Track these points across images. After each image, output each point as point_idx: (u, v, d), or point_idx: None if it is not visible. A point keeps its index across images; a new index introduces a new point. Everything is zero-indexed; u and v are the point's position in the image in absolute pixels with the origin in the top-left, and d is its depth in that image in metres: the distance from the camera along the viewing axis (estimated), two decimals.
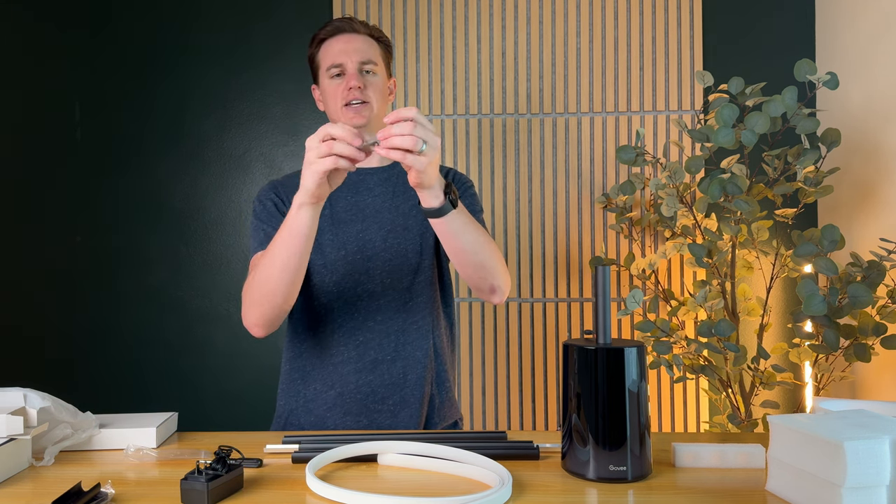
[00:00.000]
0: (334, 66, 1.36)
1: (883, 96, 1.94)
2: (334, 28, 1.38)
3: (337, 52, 1.36)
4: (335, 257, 1.37)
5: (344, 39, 1.37)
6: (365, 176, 1.43)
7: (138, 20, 2.38)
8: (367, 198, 1.41)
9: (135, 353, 2.37)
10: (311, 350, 1.40)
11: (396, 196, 1.41)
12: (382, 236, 1.38)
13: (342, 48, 1.36)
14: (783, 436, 0.81)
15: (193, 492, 0.81)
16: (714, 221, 1.99)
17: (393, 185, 1.42)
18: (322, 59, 1.39)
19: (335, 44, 1.37)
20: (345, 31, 1.38)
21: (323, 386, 1.38)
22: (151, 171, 2.38)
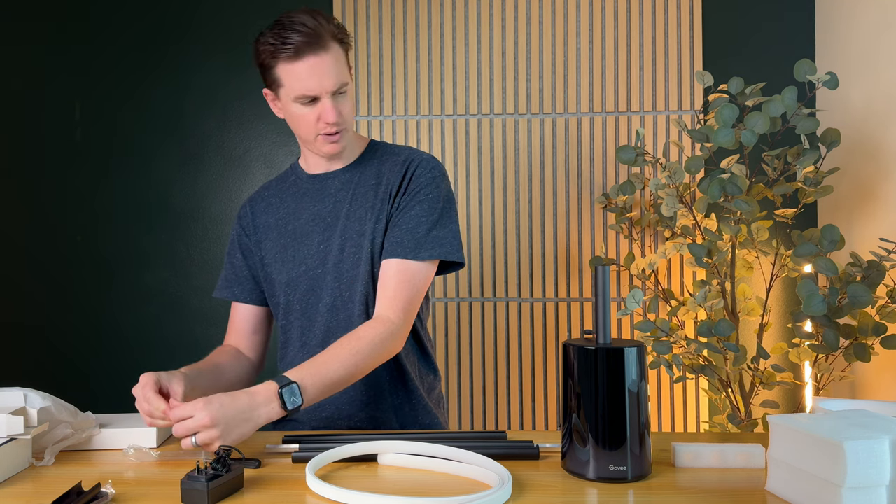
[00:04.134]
0: (305, 97, 1.21)
1: (883, 96, 1.94)
2: (299, 47, 1.18)
3: (306, 78, 1.19)
4: (297, 273, 1.33)
5: (312, 62, 1.19)
6: (326, 181, 1.36)
7: (139, 20, 2.38)
8: (328, 205, 1.34)
9: (135, 353, 2.37)
10: (286, 367, 1.38)
11: (355, 199, 1.32)
12: (339, 245, 1.30)
13: (313, 75, 1.19)
14: (783, 436, 0.81)
15: (193, 492, 0.81)
16: (714, 221, 1.99)
17: (353, 188, 1.33)
18: (287, 82, 1.21)
19: (302, 67, 1.19)
20: (312, 52, 1.18)
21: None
22: (151, 171, 2.38)
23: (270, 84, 1.26)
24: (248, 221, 1.41)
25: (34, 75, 2.39)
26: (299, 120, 1.26)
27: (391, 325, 1.20)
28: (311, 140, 1.28)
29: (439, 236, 1.26)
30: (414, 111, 2.34)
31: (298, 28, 1.18)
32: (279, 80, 1.23)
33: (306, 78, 1.20)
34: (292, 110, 1.25)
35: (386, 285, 1.24)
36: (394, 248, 1.26)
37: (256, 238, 1.40)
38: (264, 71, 1.26)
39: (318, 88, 1.21)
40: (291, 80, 1.21)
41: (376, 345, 1.16)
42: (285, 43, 1.18)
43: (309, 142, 1.29)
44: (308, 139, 1.28)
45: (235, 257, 1.43)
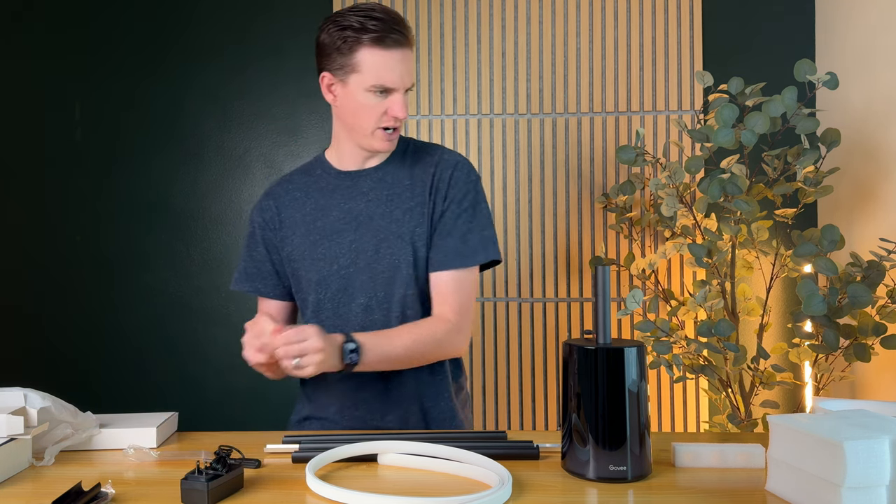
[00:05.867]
0: (382, 87, 1.20)
1: (883, 96, 1.94)
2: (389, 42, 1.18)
3: (388, 72, 1.19)
4: (328, 272, 1.30)
5: (397, 58, 1.19)
6: (359, 179, 1.33)
7: (139, 20, 2.38)
8: (360, 203, 1.31)
9: (135, 353, 2.37)
10: None
11: (391, 200, 1.30)
12: (374, 245, 1.28)
13: (395, 69, 1.19)
14: (783, 436, 0.81)
15: (194, 492, 0.81)
16: (714, 221, 1.99)
17: (387, 188, 1.31)
18: (366, 69, 1.19)
19: (386, 58, 1.18)
20: (399, 47, 1.19)
21: (328, 400, 1.33)
22: (152, 171, 2.38)
23: (339, 68, 1.22)
24: (273, 215, 1.36)
25: (34, 75, 2.39)
26: (364, 110, 1.22)
27: (450, 324, 1.25)
28: (368, 133, 1.25)
29: (485, 238, 1.29)
30: (414, 111, 2.34)
31: (387, 19, 1.18)
32: (357, 64, 1.20)
33: (389, 69, 1.19)
34: (359, 99, 1.22)
35: (443, 294, 1.27)
36: (447, 258, 1.27)
37: (282, 234, 1.35)
38: (336, 53, 1.21)
39: (398, 82, 1.20)
40: (372, 67, 1.19)
41: (436, 338, 1.23)
42: (376, 29, 1.17)
43: (363, 135, 1.26)
44: (365, 132, 1.25)
45: (257, 251, 1.38)
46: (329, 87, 1.26)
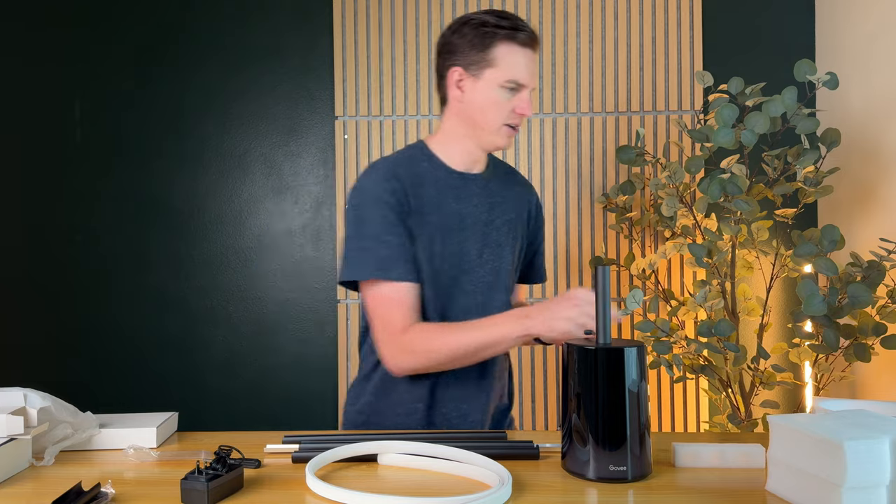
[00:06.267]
0: (518, 83, 1.24)
1: (883, 96, 1.94)
2: (524, 38, 1.23)
3: (522, 68, 1.24)
4: (440, 268, 1.27)
5: (529, 57, 1.24)
6: (467, 181, 1.31)
7: (139, 20, 2.38)
8: (467, 206, 1.30)
9: (135, 353, 2.37)
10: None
11: (493, 209, 1.32)
12: (477, 250, 1.29)
13: (528, 67, 1.24)
14: (783, 436, 0.81)
15: (193, 492, 0.81)
16: (714, 221, 1.99)
17: (489, 196, 1.33)
18: (501, 64, 1.23)
19: (520, 56, 1.23)
20: (531, 47, 1.25)
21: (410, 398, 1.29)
22: (152, 171, 2.38)
23: (472, 63, 1.24)
24: (402, 198, 1.24)
25: (34, 75, 2.39)
26: (494, 105, 1.25)
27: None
28: (494, 129, 1.26)
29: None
30: (414, 111, 2.34)
31: (518, 19, 1.25)
32: (493, 59, 1.23)
33: (523, 66, 1.24)
34: (491, 94, 1.24)
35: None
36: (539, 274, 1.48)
37: (412, 220, 1.26)
38: (469, 48, 1.24)
39: (529, 80, 1.25)
40: (509, 63, 1.23)
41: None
42: (513, 28, 1.23)
43: (489, 130, 1.27)
44: (491, 128, 1.26)
45: (399, 234, 1.23)
46: (458, 82, 1.27)
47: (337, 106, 2.35)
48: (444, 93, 1.31)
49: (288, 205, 2.38)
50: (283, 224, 2.38)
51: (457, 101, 1.28)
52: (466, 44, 1.24)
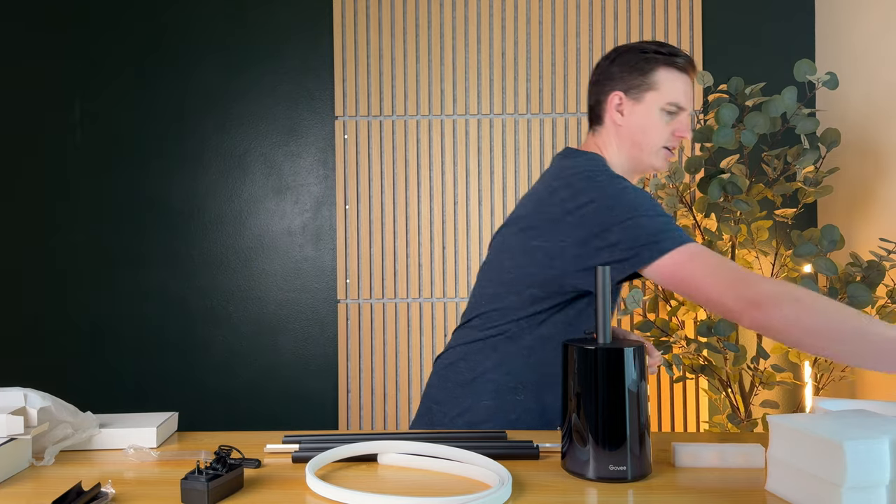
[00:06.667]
0: (678, 106, 1.28)
1: (883, 96, 1.94)
2: (682, 63, 1.28)
3: (682, 92, 1.29)
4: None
5: (686, 81, 1.30)
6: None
7: (139, 20, 2.38)
8: None
9: (135, 353, 2.37)
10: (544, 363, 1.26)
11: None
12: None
13: (687, 92, 1.30)
14: (783, 436, 0.81)
15: (194, 491, 0.81)
16: (714, 221, 1.99)
17: None
18: (665, 87, 1.28)
19: (679, 81, 1.29)
20: (690, 74, 1.30)
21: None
22: (152, 171, 2.38)
23: (633, 87, 1.29)
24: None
25: (34, 76, 2.39)
26: (655, 128, 1.28)
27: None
28: (653, 151, 1.29)
29: None
30: (414, 111, 2.34)
31: (681, 51, 1.30)
32: (655, 83, 1.28)
33: (683, 91, 1.29)
34: (652, 117, 1.28)
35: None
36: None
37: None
38: (631, 73, 1.28)
39: (688, 103, 1.29)
40: (670, 87, 1.28)
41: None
42: (673, 54, 1.28)
43: (648, 153, 1.29)
44: (650, 150, 1.29)
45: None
46: (618, 106, 1.30)
47: (337, 106, 2.35)
48: (598, 116, 1.33)
49: (288, 205, 2.38)
50: (283, 224, 2.38)
51: (616, 124, 1.30)
52: (627, 70, 1.29)
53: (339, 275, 2.35)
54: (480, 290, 1.31)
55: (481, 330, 1.28)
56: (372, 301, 2.35)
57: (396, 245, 2.34)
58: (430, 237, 2.34)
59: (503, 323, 1.26)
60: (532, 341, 1.24)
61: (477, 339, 1.29)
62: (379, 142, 2.34)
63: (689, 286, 1.08)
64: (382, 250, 2.34)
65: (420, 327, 2.34)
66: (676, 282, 1.09)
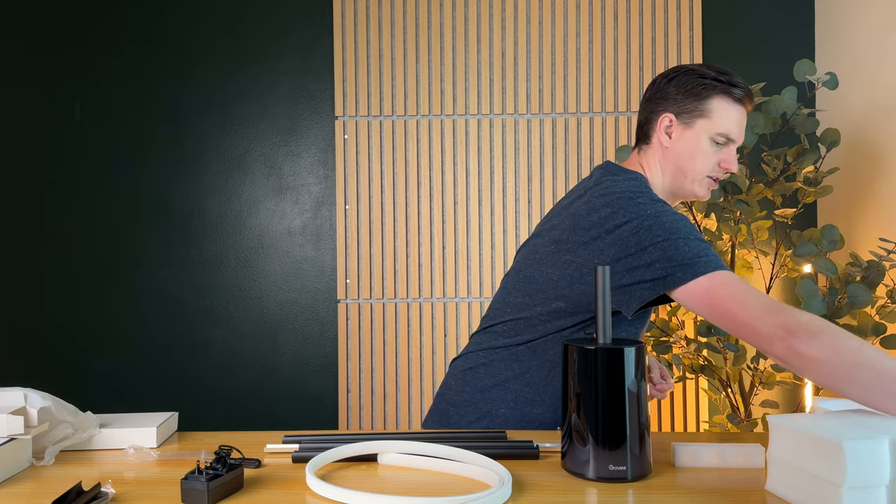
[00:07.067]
0: (728, 137, 1.26)
1: (883, 96, 1.94)
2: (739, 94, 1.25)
3: (735, 124, 1.26)
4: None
5: (741, 112, 1.27)
6: None
7: (139, 20, 2.38)
8: None
9: (135, 353, 2.38)
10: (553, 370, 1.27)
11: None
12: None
13: (740, 123, 1.27)
14: (783, 436, 0.81)
15: (194, 491, 0.81)
16: (714, 221, 1.99)
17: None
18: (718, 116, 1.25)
19: (735, 112, 1.26)
20: (746, 106, 1.27)
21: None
22: (151, 171, 2.38)
23: (686, 111, 1.26)
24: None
25: (34, 75, 2.39)
26: (702, 156, 1.26)
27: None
28: (697, 179, 1.27)
29: None
30: (414, 111, 2.34)
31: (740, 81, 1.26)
32: (708, 111, 1.25)
33: (735, 122, 1.26)
34: (701, 145, 1.26)
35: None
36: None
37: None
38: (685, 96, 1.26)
39: (739, 136, 1.27)
40: (723, 116, 1.25)
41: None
42: (732, 84, 1.25)
43: (692, 179, 1.27)
44: (695, 177, 1.27)
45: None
46: (667, 128, 1.28)
47: (337, 106, 2.35)
48: (646, 134, 1.31)
49: (288, 205, 2.38)
50: (283, 224, 2.38)
51: (663, 146, 1.29)
52: (682, 92, 1.27)
53: (339, 275, 2.35)
54: (506, 297, 1.29)
55: (505, 338, 1.27)
56: (372, 301, 2.35)
57: (396, 245, 2.35)
58: (430, 237, 2.34)
59: (527, 334, 1.25)
60: (555, 356, 1.24)
61: (499, 347, 1.28)
62: (379, 142, 2.34)
63: (721, 311, 1.05)
64: (382, 250, 2.34)
65: (420, 327, 2.34)
66: (708, 307, 1.07)
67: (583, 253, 1.17)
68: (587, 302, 1.18)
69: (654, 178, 1.30)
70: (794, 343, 0.96)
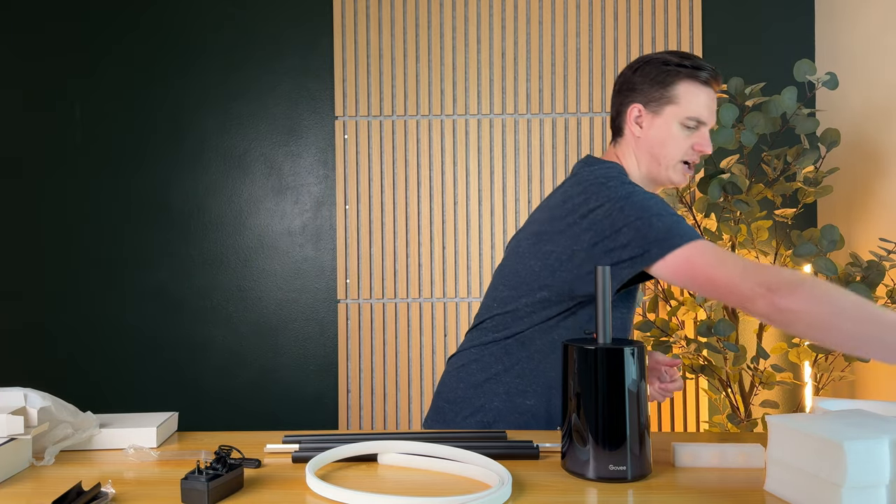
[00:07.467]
0: (698, 120, 1.26)
1: (883, 96, 1.94)
2: (705, 77, 1.25)
3: (704, 106, 1.26)
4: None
5: (710, 96, 1.27)
6: None
7: (139, 20, 2.38)
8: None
9: (135, 353, 2.38)
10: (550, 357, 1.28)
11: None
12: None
13: (709, 105, 1.27)
14: (782, 436, 0.81)
15: (194, 491, 0.81)
16: (714, 221, 1.99)
17: None
18: (686, 101, 1.26)
19: (702, 95, 1.26)
20: (713, 87, 1.27)
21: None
22: (151, 171, 2.38)
23: (653, 100, 1.28)
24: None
25: (34, 75, 2.39)
26: (673, 142, 1.27)
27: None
28: (671, 165, 1.28)
29: None
30: (414, 111, 2.34)
31: (705, 64, 1.27)
32: (675, 96, 1.26)
33: (704, 105, 1.26)
34: (671, 130, 1.27)
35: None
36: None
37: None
38: (650, 85, 1.27)
39: (709, 118, 1.27)
40: (690, 100, 1.25)
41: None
42: (696, 67, 1.25)
43: (666, 166, 1.28)
44: (668, 163, 1.28)
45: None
46: (636, 119, 1.30)
47: (337, 106, 2.35)
48: (619, 127, 1.33)
49: (288, 205, 2.38)
50: (283, 224, 2.38)
51: (635, 136, 1.30)
52: (648, 82, 1.28)
53: (339, 275, 2.35)
54: (494, 292, 1.31)
55: (494, 332, 1.29)
56: (372, 301, 2.35)
57: (396, 245, 2.35)
58: (430, 237, 2.34)
59: (515, 326, 1.26)
60: (543, 346, 1.25)
61: (489, 342, 1.30)
62: (379, 142, 2.34)
63: (702, 279, 1.07)
64: (382, 250, 2.34)
65: (420, 327, 2.34)
66: (687, 276, 1.08)
67: (561, 241, 1.19)
68: (569, 289, 1.20)
69: (630, 168, 1.31)
70: (775, 299, 0.97)
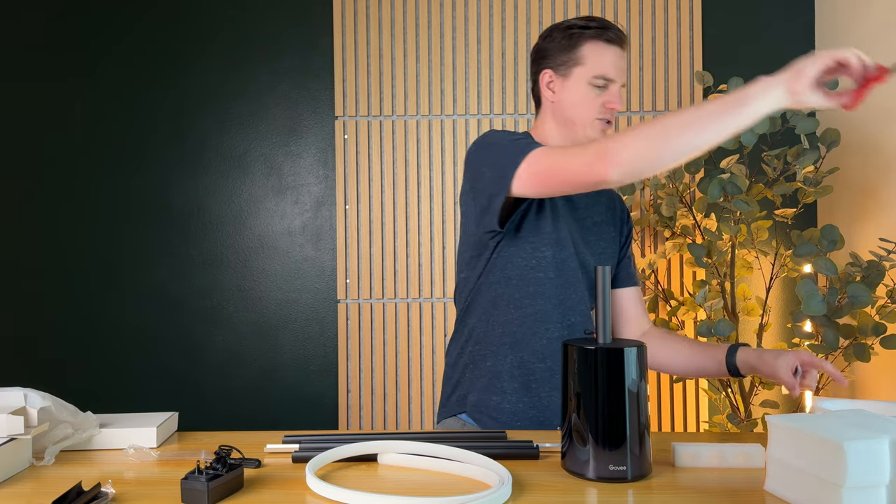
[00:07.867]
0: (605, 78, 1.28)
1: (883, 96, 1.94)
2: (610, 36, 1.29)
3: (610, 64, 1.29)
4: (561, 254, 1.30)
5: (617, 54, 1.30)
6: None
7: (139, 20, 2.38)
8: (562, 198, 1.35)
9: (135, 353, 2.37)
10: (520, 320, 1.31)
11: (588, 207, 1.39)
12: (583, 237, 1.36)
13: (615, 63, 1.30)
14: (782, 436, 0.81)
15: (194, 491, 0.81)
16: (713, 221, 2.00)
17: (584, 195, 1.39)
18: (592, 61, 1.29)
19: (608, 54, 1.29)
20: (619, 44, 1.30)
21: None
22: (151, 171, 2.38)
23: (561, 63, 1.31)
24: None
25: (34, 75, 2.39)
26: (584, 102, 1.30)
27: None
28: (586, 124, 1.31)
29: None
30: (414, 111, 2.34)
31: (606, 21, 1.32)
32: (581, 58, 1.29)
33: (610, 63, 1.29)
34: (581, 91, 1.30)
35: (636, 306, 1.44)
36: (634, 278, 1.44)
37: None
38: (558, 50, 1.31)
39: (617, 75, 1.30)
40: (597, 60, 1.29)
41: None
42: (602, 27, 1.30)
43: (581, 126, 1.31)
44: (583, 123, 1.31)
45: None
46: (548, 84, 1.34)
47: (337, 106, 2.35)
48: (538, 97, 1.38)
49: (288, 205, 2.38)
50: (283, 224, 2.38)
51: (550, 101, 1.34)
52: (556, 46, 1.32)
53: (339, 275, 2.35)
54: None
55: (458, 310, 1.38)
56: (372, 301, 2.35)
57: (396, 245, 2.35)
58: (430, 237, 2.34)
59: (463, 297, 1.35)
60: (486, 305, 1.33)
61: (457, 321, 1.38)
62: (379, 142, 2.34)
63: (549, 178, 1.15)
64: (382, 250, 2.34)
65: (420, 327, 2.34)
66: (539, 182, 1.16)
67: (464, 200, 1.31)
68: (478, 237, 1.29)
69: (549, 134, 1.36)
70: (606, 156, 1.05)
